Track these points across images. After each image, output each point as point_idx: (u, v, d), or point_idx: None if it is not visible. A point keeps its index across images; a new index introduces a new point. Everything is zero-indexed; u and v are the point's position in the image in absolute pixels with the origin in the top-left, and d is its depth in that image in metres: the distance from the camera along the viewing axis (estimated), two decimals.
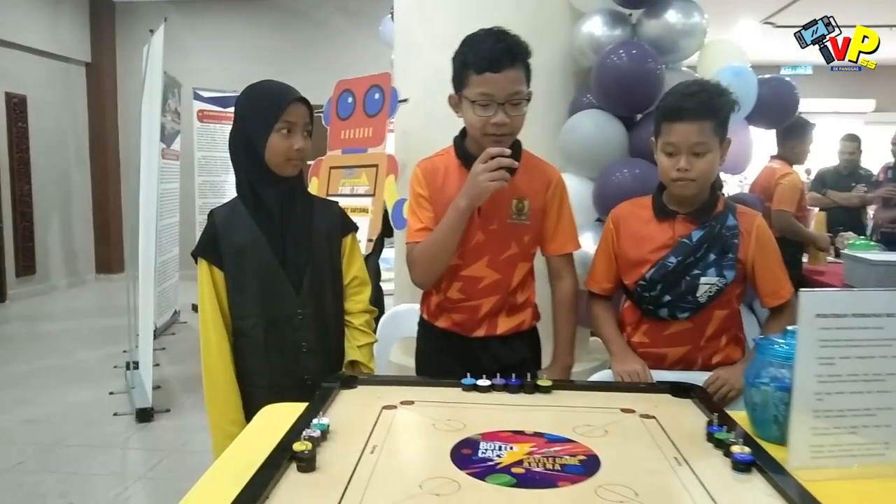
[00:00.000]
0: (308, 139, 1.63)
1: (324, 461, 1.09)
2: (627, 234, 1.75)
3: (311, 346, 1.66)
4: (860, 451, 1.16)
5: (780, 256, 1.71)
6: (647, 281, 1.69)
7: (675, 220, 1.68)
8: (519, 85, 1.59)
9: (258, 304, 1.63)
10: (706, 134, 1.57)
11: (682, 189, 1.63)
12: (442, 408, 1.36)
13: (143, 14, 8.26)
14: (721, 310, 1.69)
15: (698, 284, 1.64)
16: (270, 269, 1.62)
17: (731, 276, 1.64)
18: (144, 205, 4.44)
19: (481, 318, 1.74)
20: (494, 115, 1.58)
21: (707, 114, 1.57)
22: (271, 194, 1.63)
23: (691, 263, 1.65)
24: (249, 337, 1.64)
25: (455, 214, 1.62)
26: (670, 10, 2.73)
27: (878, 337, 1.15)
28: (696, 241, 1.65)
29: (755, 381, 1.27)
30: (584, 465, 1.09)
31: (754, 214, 1.72)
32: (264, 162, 1.60)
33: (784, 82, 2.93)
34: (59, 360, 5.00)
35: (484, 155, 1.56)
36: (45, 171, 7.64)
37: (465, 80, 1.60)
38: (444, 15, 3.12)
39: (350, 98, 3.62)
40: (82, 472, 3.11)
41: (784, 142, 4.20)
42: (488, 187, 1.55)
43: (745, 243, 1.66)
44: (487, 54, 1.56)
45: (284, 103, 1.57)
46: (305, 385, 1.60)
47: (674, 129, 1.59)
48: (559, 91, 3.09)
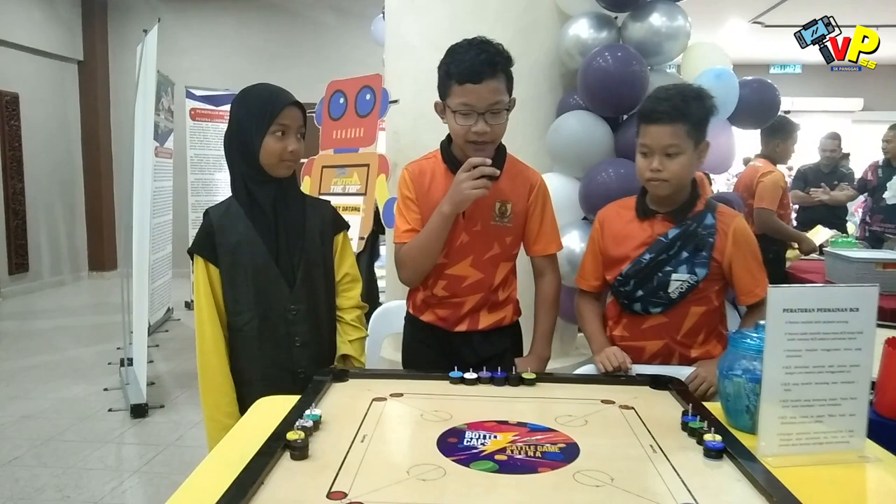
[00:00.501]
0: (301, 141, 1.68)
1: (316, 449, 1.15)
2: (611, 233, 1.81)
3: (303, 340, 1.71)
4: (826, 438, 1.22)
5: (759, 256, 1.76)
6: (622, 276, 1.75)
7: (654, 219, 1.75)
8: (499, 95, 1.65)
9: (252, 300, 1.68)
10: (679, 136, 1.64)
11: (656, 189, 1.70)
12: (430, 399, 1.42)
13: (135, 12, 8.27)
14: (698, 306, 1.74)
15: (670, 280, 1.71)
16: (264, 265, 1.67)
17: (702, 274, 1.70)
18: (138, 203, 4.46)
19: (464, 314, 1.81)
20: (475, 123, 1.65)
21: (680, 117, 1.63)
22: (265, 194, 1.68)
23: (664, 260, 1.71)
24: (244, 331, 1.69)
25: (439, 219, 1.69)
26: (654, 14, 2.78)
27: (843, 330, 1.21)
28: (671, 238, 1.71)
29: (728, 374, 1.33)
30: (564, 453, 1.15)
31: (734, 214, 1.77)
32: (259, 163, 1.65)
33: (765, 83, 2.98)
34: (53, 357, 5.02)
35: (466, 164, 1.63)
36: (37, 168, 7.64)
37: (448, 90, 1.67)
38: (434, 17, 3.16)
39: (342, 98, 3.67)
40: (78, 466, 3.15)
41: (768, 141, 4.26)
42: (470, 195, 1.63)
43: (722, 242, 1.72)
44: (468, 66, 1.62)
45: (279, 107, 1.63)
46: (298, 378, 1.66)
47: (648, 131, 1.66)
48: (547, 92, 3.14)
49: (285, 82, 1.73)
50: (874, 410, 1.49)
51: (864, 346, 1.22)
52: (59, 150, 8.10)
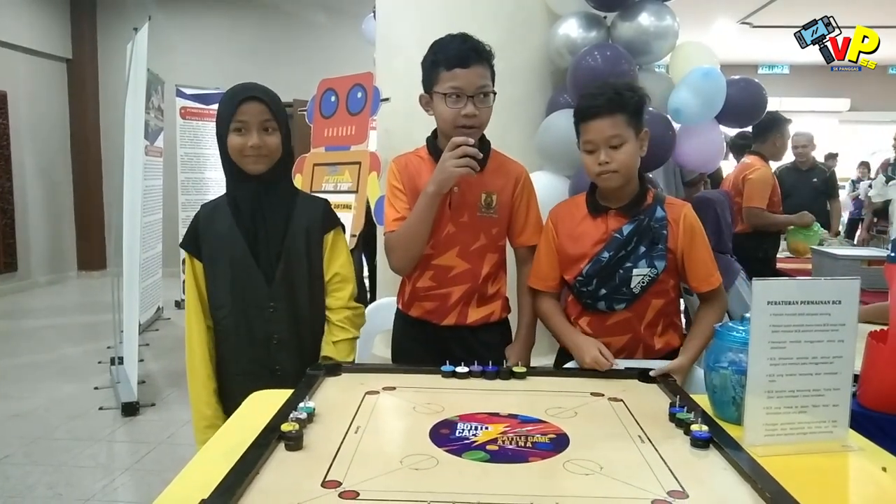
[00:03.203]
0: (267, 134, 1.64)
1: (310, 440, 1.17)
2: (565, 232, 1.83)
3: (281, 338, 1.70)
4: (810, 428, 1.25)
5: (708, 245, 1.79)
6: (584, 276, 1.77)
7: (607, 215, 1.77)
8: (485, 79, 1.74)
9: (229, 295, 1.69)
10: (619, 126, 1.68)
11: (608, 181, 1.72)
12: (422, 393, 1.44)
13: (124, 10, 8.24)
14: (658, 299, 1.77)
15: (631, 276, 1.73)
16: (243, 260, 1.68)
17: (661, 266, 1.73)
18: (129, 202, 4.45)
19: (451, 305, 1.84)
20: (465, 106, 1.71)
21: (616, 108, 1.67)
22: (244, 190, 1.69)
23: (623, 257, 1.73)
24: (222, 325, 1.71)
25: (425, 200, 1.74)
26: (643, 13, 2.82)
27: (826, 322, 1.24)
28: (627, 234, 1.73)
29: (714, 365, 1.36)
30: (554, 443, 1.18)
31: (682, 204, 1.82)
32: (232, 160, 1.67)
33: (752, 83, 3.01)
34: (43, 356, 5.01)
35: (450, 144, 1.69)
36: (25, 167, 7.61)
37: (436, 77, 1.74)
38: (424, 15, 3.18)
39: (333, 97, 3.68)
40: (69, 464, 3.15)
41: (765, 137, 4.18)
42: (454, 173, 1.68)
43: (674, 233, 1.75)
44: (456, 52, 1.71)
45: (236, 103, 1.63)
46: (276, 376, 1.66)
47: (589, 127, 1.70)
48: (537, 91, 3.17)
49: (276, 80, 1.75)
50: (857, 402, 1.52)
51: (847, 338, 1.25)
52: (47, 148, 8.07)
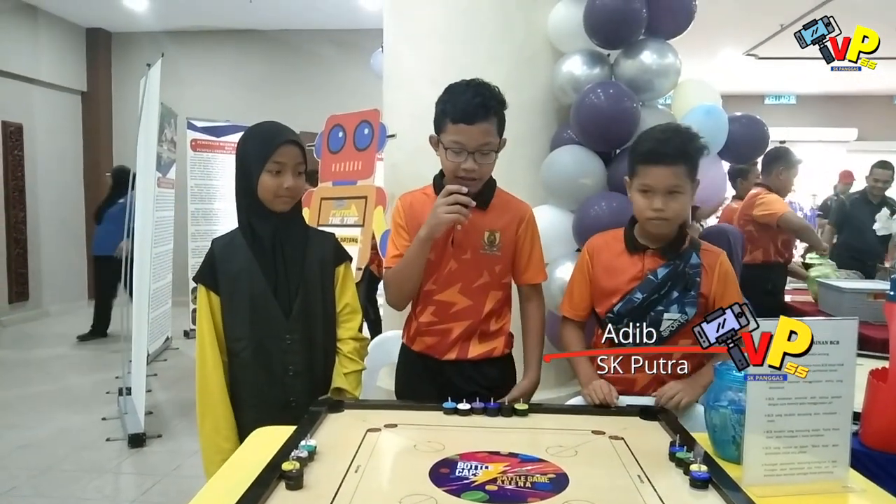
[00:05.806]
0: (300, 177, 1.73)
1: (310, 480, 1.17)
2: (601, 264, 1.85)
3: (297, 369, 1.74)
4: (810, 468, 1.25)
5: (740, 291, 1.80)
6: (615, 314, 1.78)
7: (644, 254, 1.79)
8: (489, 137, 1.73)
9: (248, 327, 1.72)
10: (681, 177, 1.68)
11: (658, 228, 1.74)
12: (423, 430, 1.45)
13: (138, 45, 8.42)
14: (686, 339, 1.77)
15: (662, 320, 1.74)
16: (262, 294, 1.72)
17: (692, 313, 1.74)
18: (140, 232, 4.50)
19: (452, 341, 1.85)
20: (465, 161, 1.73)
21: (682, 158, 1.68)
22: (266, 227, 1.73)
23: (655, 300, 1.75)
24: (240, 357, 1.73)
25: (417, 243, 1.76)
26: (646, 51, 2.86)
27: (824, 362, 1.24)
28: (661, 278, 1.75)
29: (714, 405, 1.36)
30: (554, 483, 1.18)
31: (718, 252, 1.82)
32: (258, 197, 1.71)
33: (754, 119, 3.04)
34: (51, 386, 5.02)
35: (444, 191, 1.71)
36: (39, 198, 7.72)
37: (443, 127, 1.75)
38: (431, 52, 3.24)
39: (340, 133, 3.74)
40: (75, 496, 3.15)
41: (770, 169, 4.20)
42: (444, 219, 1.69)
43: (708, 279, 1.76)
44: (463, 106, 1.70)
45: (275, 145, 1.68)
46: (290, 407, 1.69)
47: (650, 172, 1.70)
48: (541, 127, 3.21)
49: (284, 114, 1.79)
50: (859, 441, 1.52)
51: (845, 377, 1.25)
52: (61, 179, 8.18)
